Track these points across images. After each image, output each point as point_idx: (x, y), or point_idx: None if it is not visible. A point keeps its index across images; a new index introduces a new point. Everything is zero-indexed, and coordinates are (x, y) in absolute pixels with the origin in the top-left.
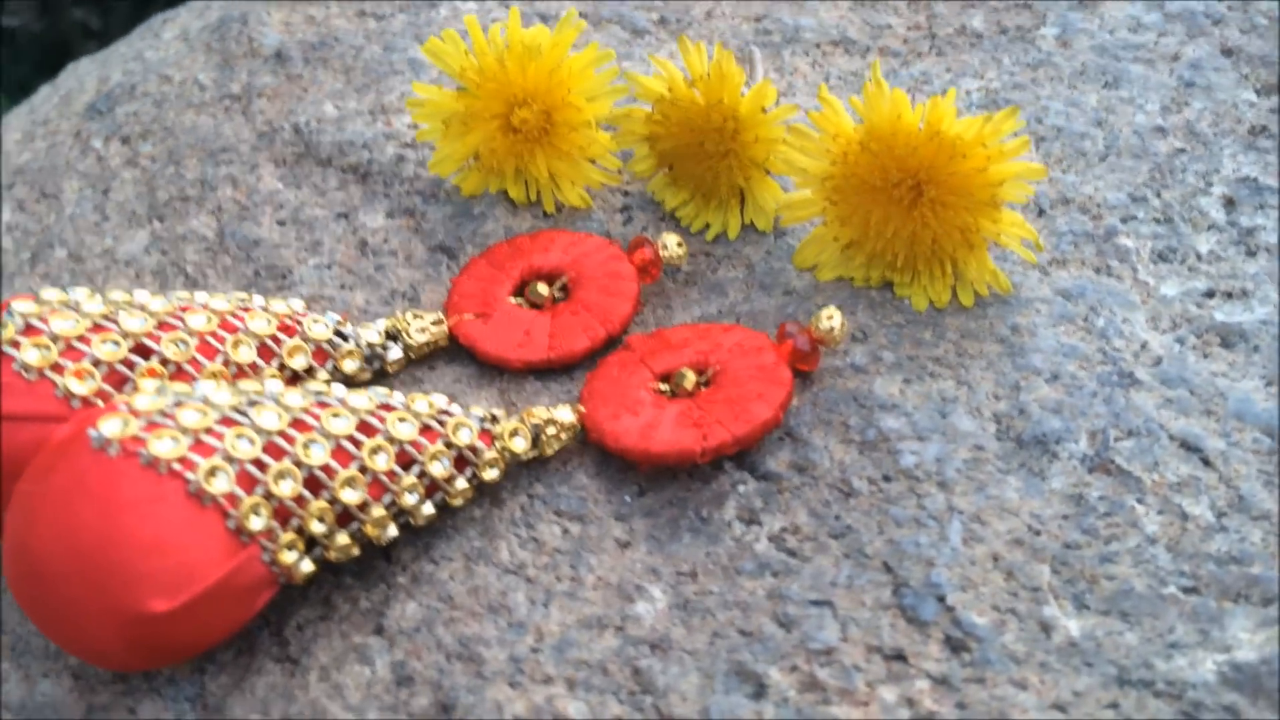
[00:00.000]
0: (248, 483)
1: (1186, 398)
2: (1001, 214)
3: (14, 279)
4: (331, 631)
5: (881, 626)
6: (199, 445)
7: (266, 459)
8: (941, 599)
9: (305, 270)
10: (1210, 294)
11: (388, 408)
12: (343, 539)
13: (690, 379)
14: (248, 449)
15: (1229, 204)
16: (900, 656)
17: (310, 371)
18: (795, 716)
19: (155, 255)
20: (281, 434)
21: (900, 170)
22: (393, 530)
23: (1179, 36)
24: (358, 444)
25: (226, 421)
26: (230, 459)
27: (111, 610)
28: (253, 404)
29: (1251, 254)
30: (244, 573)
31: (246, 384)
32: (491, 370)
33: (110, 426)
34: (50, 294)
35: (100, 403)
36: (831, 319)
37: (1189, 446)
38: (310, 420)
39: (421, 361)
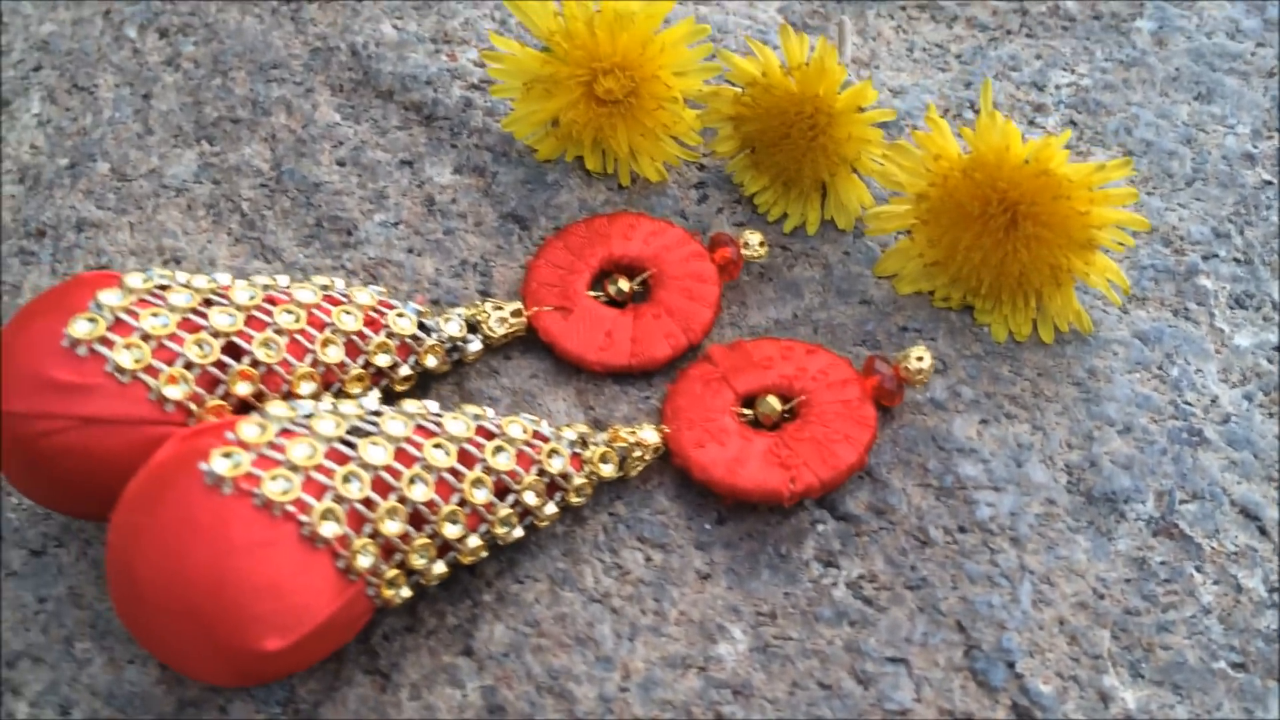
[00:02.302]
0: (357, 522)
1: (1250, 461)
2: (1095, 256)
3: (53, 190)
4: (420, 647)
5: (953, 689)
6: (310, 484)
7: (375, 497)
8: (1011, 665)
9: (371, 227)
10: None
11: (485, 433)
12: (440, 568)
13: (775, 407)
14: (357, 490)
15: None
16: None
17: (394, 368)
18: None
19: (207, 185)
20: (388, 469)
21: (1001, 201)
22: (484, 554)
23: (1277, 48)
24: (459, 476)
25: (335, 456)
26: (340, 499)
27: (223, 648)
28: (355, 432)
29: None
30: (351, 608)
31: (346, 407)
32: (567, 367)
33: (222, 463)
34: (134, 280)
35: (193, 405)
36: (921, 360)
37: (1248, 514)
38: (413, 451)
39: (497, 350)
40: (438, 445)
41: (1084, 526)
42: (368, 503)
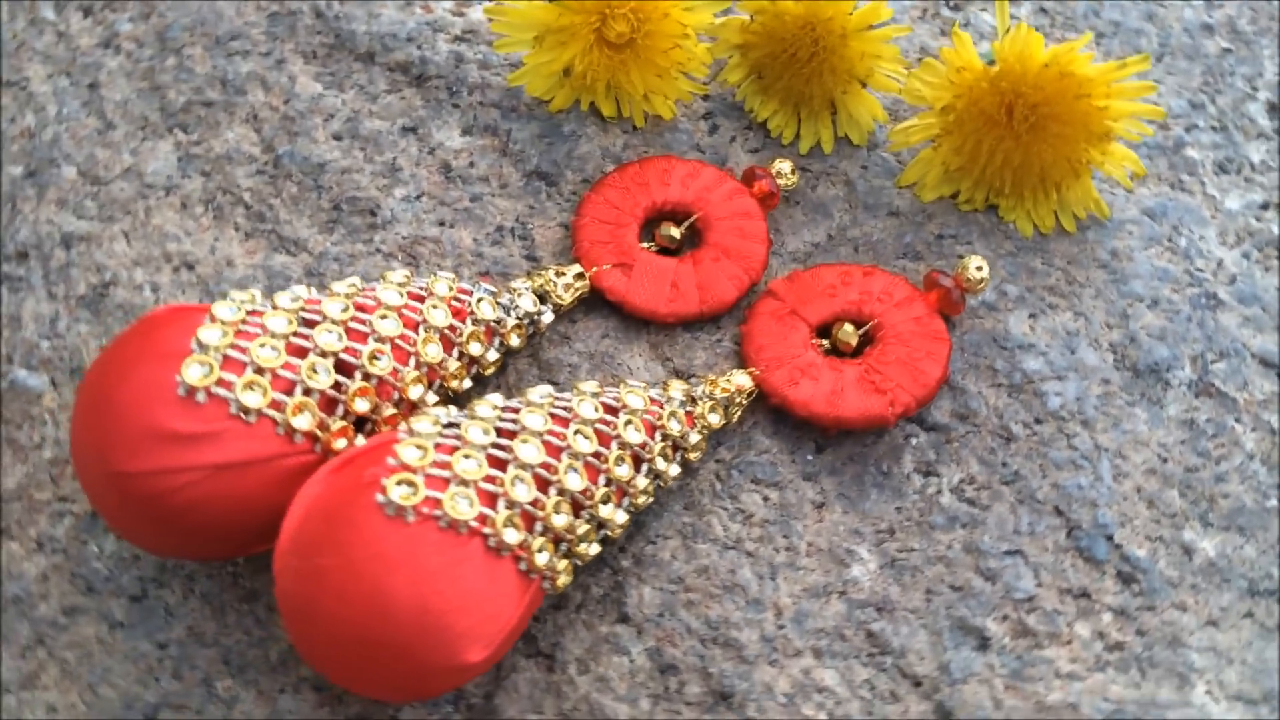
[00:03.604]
0: (529, 523)
1: (1260, 315)
2: (1112, 146)
3: (17, 203)
4: (574, 622)
5: (1066, 569)
6: (484, 495)
7: (540, 496)
8: (1109, 537)
9: (393, 204)
10: (1265, 206)
11: (610, 409)
12: (595, 548)
13: (851, 334)
14: (525, 492)
15: (1272, 110)
16: (1085, 594)
17: (484, 354)
18: (1019, 664)
19: (195, 178)
20: (544, 465)
21: (1024, 105)
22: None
23: None
24: (601, 458)
25: (495, 462)
26: (513, 504)
27: (430, 668)
28: (500, 433)
29: None
30: (533, 603)
31: (482, 409)
32: (635, 322)
33: (398, 491)
34: (224, 311)
35: (319, 431)
36: (981, 269)
37: (1267, 363)
38: (558, 442)
39: (562, 315)
40: (577, 431)
41: (1138, 399)
42: (536, 502)
